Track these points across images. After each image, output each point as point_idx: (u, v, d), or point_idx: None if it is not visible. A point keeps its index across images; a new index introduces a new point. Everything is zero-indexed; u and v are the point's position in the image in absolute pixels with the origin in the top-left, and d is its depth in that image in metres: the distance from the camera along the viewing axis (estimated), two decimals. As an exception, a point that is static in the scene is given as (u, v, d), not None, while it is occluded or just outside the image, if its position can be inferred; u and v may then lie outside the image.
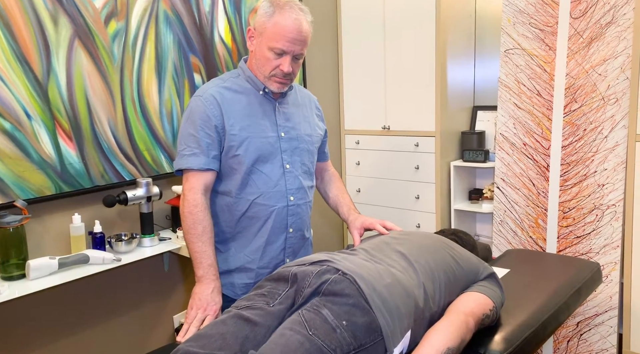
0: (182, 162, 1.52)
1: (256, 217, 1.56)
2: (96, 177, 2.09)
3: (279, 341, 1.07)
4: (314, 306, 1.13)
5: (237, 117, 1.53)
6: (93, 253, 1.92)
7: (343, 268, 1.20)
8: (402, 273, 1.26)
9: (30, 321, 1.99)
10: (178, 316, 2.49)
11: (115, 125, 2.15)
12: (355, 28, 3.04)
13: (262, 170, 1.55)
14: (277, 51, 1.48)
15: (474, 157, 2.78)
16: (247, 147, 1.52)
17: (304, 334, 1.07)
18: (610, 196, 2.27)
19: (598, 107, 2.29)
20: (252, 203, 1.55)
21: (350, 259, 1.27)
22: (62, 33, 1.96)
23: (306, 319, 1.10)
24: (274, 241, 1.59)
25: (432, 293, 1.28)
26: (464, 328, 1.22)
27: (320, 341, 1.06)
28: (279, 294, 1.22)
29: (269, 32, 1.47)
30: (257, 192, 1.55)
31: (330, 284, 1.15)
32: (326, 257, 1.26)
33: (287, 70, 1.50)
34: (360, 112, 3.09)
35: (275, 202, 1.56)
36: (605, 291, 2.30)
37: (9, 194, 1.85)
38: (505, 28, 2.54)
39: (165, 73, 2.30)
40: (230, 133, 1.51)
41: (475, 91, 3.00)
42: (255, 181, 1.55)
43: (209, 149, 1.50)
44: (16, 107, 1.85)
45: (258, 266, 1.58)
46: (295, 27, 1.46)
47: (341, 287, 1.15)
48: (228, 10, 2.54)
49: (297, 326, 1.09)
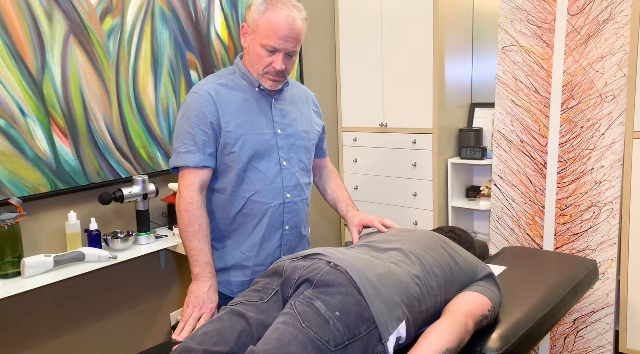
0: (178, 160, 1.51)
1: (252, 214, 1.56)
2: (92, 175, 2.08)
3: (273, 335, 1.08)
4: (307, 298, 1.13)
5: (232, 114, 1.52)
6: (89, 251, 1.91)
7: (335, 260, 1.20)
8: (397, 265, 1.27)
9: (25, 319, 1.98)
10: (174, 314, 2.49)
11: (111, 122, 2.13)
12: (352, 25, 3.03)
13: (258, 167, 1.54)
14: (269, 48, 1.47)
15: (472, 155, 2.77)
16: (242, 144, 1.51)
17: (297, 327, 1.07)
18: (607, 193, 2.27)
19: (595, 105, 2.29)
20: (248, 200, 1.54)
21: (343, 252, 1.28)
22: (57, 29, 1.94)
23: (299, 312, 1.10)
24: (269, 238, 1.58)
25: (428, 287, 1.28)
26: (463, 330, 1.22)
27: (314, 333, 1.06)
28: (273, 288, 1.23)
29: (261, 29, 1.46)
30: (252, 190, 1.54)
31: (322, 276, 1.16)
32: (319, 251, 1.27)
33: (279, 68, 1.49)
34: (357, 109, 3.08)
35: (271, 199, 1.56)
36: (602, 288, 2.30)
37: (3, 191, 1.84)
38: (502, 25, 2.53)
39: (161, 70, 2.29)
40: (226, 130, 1.50)
41: (472, 88, 2.99)
42: (251, 178, 1.54)
43: (204, 146, 1.49)
44: (11, 104, 1.84)
45: (254, 263, 1.58)
46: (288, 24, 1.45)
47: (333, 278, 1.15)
48: (224, 6, 2.52)
49: (290, 319, 1.10)
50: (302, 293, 1.16)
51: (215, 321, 1.18)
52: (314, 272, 1.18)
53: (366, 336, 1.11)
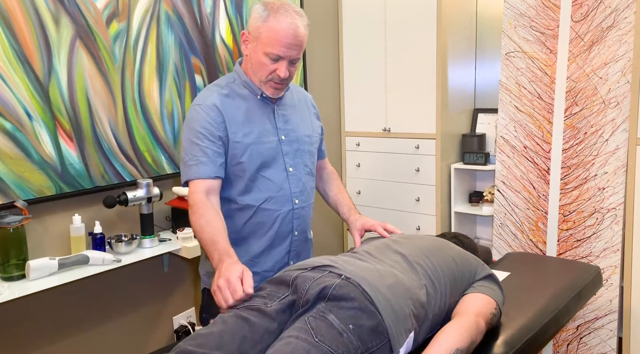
0: (190, 173, 1.47)
1: (262, 222, 1.54)
2: (96, 178, 2.09)
3: (285, 349, 1.06)
4: (320, 312, 1.12)
5: (239, 125, 1.50)
6: (93, 254, 1.92)
7: (346, 273, 1.19)
8: (403, 274, 1.26)
9: (30, 322, 1.98)
10: (178, 317, 2.49)
11: (116, 125, 2.15)
12: (356, 30, 3.04)
13: (266, 175, 1.53)
14: (272, 57, 1.45)
15: (475, 160, 2.78)
16: (250, 154, 1.50)
17: (309, 342, 1.06)
18: (610, 199, 2.27)
19: (599, 111, 2.29)
20: (258, 209, 1.53)
21: (352, 262, 1.27)
22: (64, 33, 1.96)
23: (312, 327, 1.09)
24: (279, 244, 1.57)
25: (433, 294, 1.28)
26: (475, 329, 1.22)
27: (327, 347, 1.05)
28: (278, 297, 1.21)
29: (264, 37, 1.44)
30: (262, 198, 1.53)
31: (335, 289, 1.15)
32: (328, 262, 1.26)
33: (284, 76, 1.48)
34: (360, 114, 3.09)
35: (281, 206, 1.55)
36: (606, 295, 2.30)
37: (9, 194, 1.84)
38: (506, 31, 2.54)
39: (166, 74, 2.30)
40: (234, 141, 1.49)
41: (476, 93, 3.00)
42: (260, 186, 1.52)
43: (215, 157, 1.47)
44: (17, 107, 1.85)
45: (263, 269, 1.56)
46: (292, 32, 1.43)
47: (346, 291, 1.14)
48: (229, 11, 2.54)
49: (303, 333, 1.08)
50: (316, 307, 1.14)
51: (219, 324, 1.17)
52: (327, 285, 1.16)
53: (378, 350, 1.10)
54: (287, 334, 1.11)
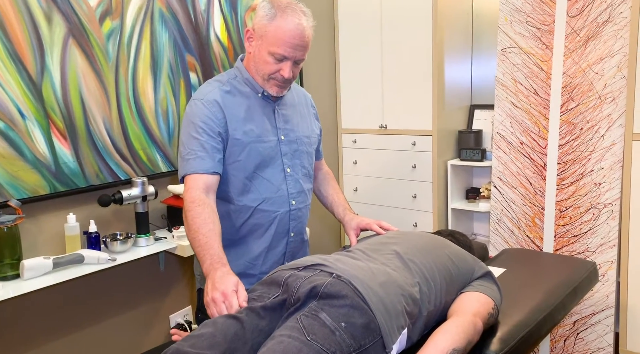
0: (188, 168, 1.44)
1: (259, 223, 1.53)
2: (91, 177, 2.08)
3: (277, 348, 1.05)
4: (312, 310, 1.11)
5: (239, 122, 1.49)
6: (88, 253, 1.91)
7: (337, 271, 1.19)
8: (396, 271, 1.26)
9: (24, 322, 1.98)
10: (174, 316, 2.48)
11: (111, 124, 2.13)
12: (352, 26, 3.03)
13: (263, 175, 1.51)
14: (277, 57, 1.43)
15: (471, 156, 2.77)
16: (249, 153, 1.49)
17: (302, 341, 1.05)
18: (606, 194, 2.27)
19: (595, 106, 2.29)
20: (255, 210, 1.51)
21: (343, 261, 1.27)
22: (56, 32, 1.94)
23: (304, 325, 1.08)
24: (275, 246, 1.56)
25: (427, 292, 1.27)
26: (472, 329, 1.21)
27: (319, 345, 1.05)
28: (269, 297, 1.21)
29: (270, 36, 1.42)
30: (259, 199, 1.51)
31: (326, 287, 1.14)
32: (319, 261, 1.25)
33: (287, 76, 1.46)
34: (357, 111, 3.08)
35: (278, 207, 1.53)
36: (602, 290, 2.30)
37: (3, 193, 1.84)
38: (502, 26, 2.53)
39: (160, 72, 2.29)
40: (234, 138, 1.47)
41: (472, 89, 2.99)
42: (257, 186, 1.51)
43: (214, 152, 1.45)
44: (10, 106, 1.84)
45: (260, 271, 1.55)
46: (298, 33, 1.42)
47: (337, 289, 1.14)
48: (224, 8, 2.52)
49: (295, 332, 1.08)
50: (307, 305, 1.14)
51: (210, 324, 1.17)
52: (318, 283, 1.16)
53: (371, 348, 1.10)
54: (279, 333, 1.11)
